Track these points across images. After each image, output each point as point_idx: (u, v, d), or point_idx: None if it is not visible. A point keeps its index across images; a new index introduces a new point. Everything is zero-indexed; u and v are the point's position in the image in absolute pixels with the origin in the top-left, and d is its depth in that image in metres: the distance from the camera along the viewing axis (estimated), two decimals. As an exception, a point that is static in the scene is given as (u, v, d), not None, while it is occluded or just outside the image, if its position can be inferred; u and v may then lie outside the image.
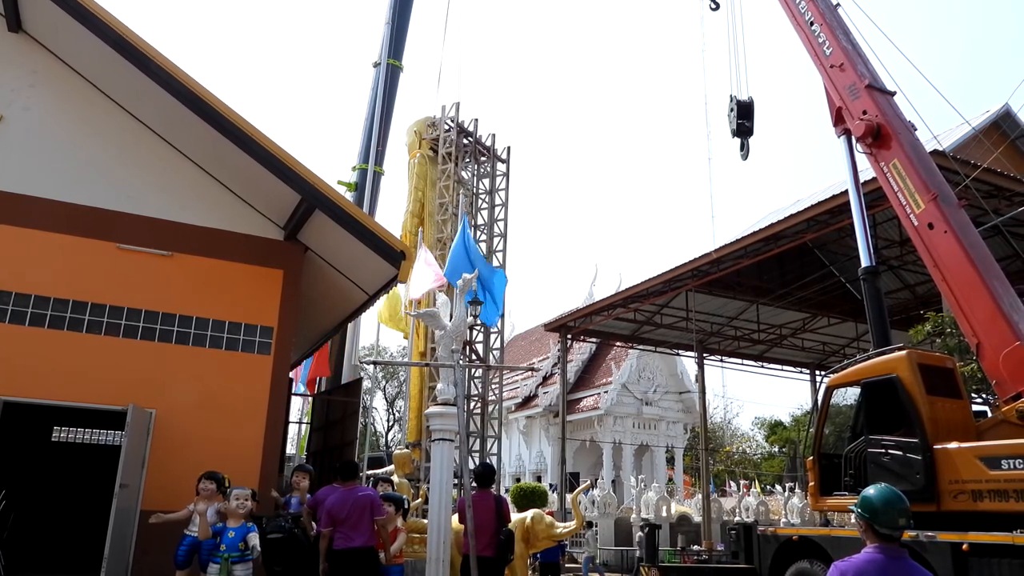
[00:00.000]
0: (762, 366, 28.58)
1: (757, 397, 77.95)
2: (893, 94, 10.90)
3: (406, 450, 12.16)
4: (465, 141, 22.61)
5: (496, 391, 23.04)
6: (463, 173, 23.10)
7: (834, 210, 15.79)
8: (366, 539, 7.30)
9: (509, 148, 23.82)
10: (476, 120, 22.87)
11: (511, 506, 11.94)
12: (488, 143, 23.17)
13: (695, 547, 19.04)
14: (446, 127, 22.18)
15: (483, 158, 23.37)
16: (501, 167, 23.49)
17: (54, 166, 10.54)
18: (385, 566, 7.77)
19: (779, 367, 28.98)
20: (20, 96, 10.67)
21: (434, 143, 22.24)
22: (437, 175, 21.98)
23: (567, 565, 19.55)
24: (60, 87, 10.92)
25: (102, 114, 11.04)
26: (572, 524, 9.15)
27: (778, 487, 31.55)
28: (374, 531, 7.47)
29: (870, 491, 3.55)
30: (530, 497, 19.11)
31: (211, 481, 8.01)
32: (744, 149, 13.97)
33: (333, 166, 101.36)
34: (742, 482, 31.76)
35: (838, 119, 11.30)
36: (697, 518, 23.15)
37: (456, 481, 9.26)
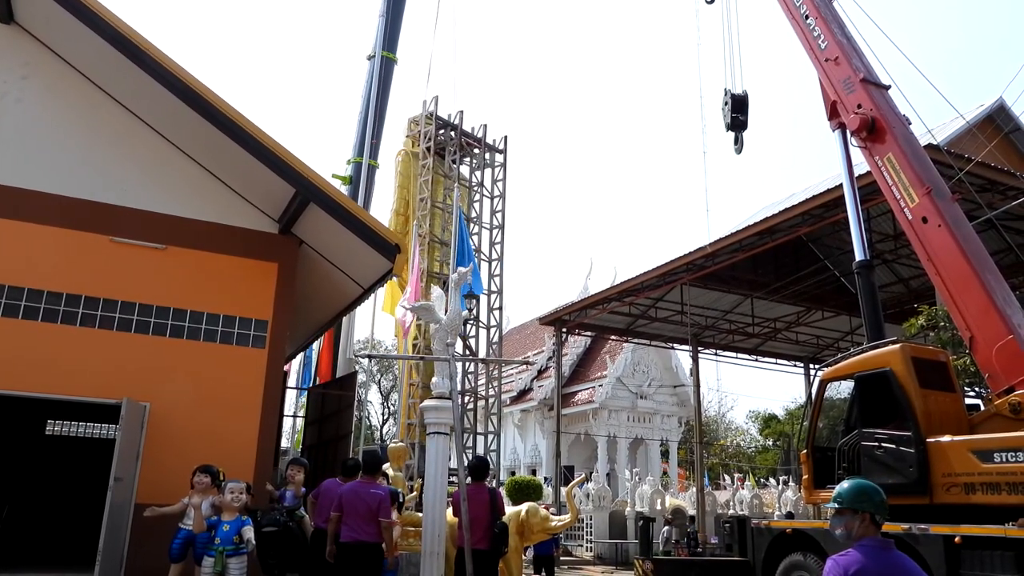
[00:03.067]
0: (756, 360, 28.67)
1: (751, 391, 78.26)
2: (888, 88, 10.90)
3: (401, 443, 12.16)
4: (452, 135, 22.57)
5: (496, 386, 23.07)
6: (461, 168, 23.06)
7: (829, 204, 15.83)
8: (373, 535, 7.32)
9: (506, 138, 23.75)
10: (461, 112, 22.78)
11: (506, 499, 11.95)
12: (480, 135, 23.12)
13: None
14: (426, 121, 22.17)
15: (476, 150, 23.32)
16: (499, 158, 23.46)
17: (47, 159, 10.50)
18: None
19: (773, 361, 29.07)
20: (12, 88, 10.61)
21: (419, 139, 22.25)
22: (418, 170, 21.97)
23: (562, 558, 19.62)
24: (53, 79, 10.86)
25: (95, 107, 10.98)
26: (567, 517, 9.16)
27: (772, 480, 31.68)
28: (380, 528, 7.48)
29: (860, 485, 3.54)
30: (525, 490, 19.09)
31: (206, 475, 8.00)
32: (738, 143, 13.98)
33: (328, 160, 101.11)
34: (736, 475, 31.87)
35: (833, 113, 11.31)
36: (691, 511, 23.22)
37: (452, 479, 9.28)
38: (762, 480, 34.67)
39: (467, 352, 21.05)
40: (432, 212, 21.68)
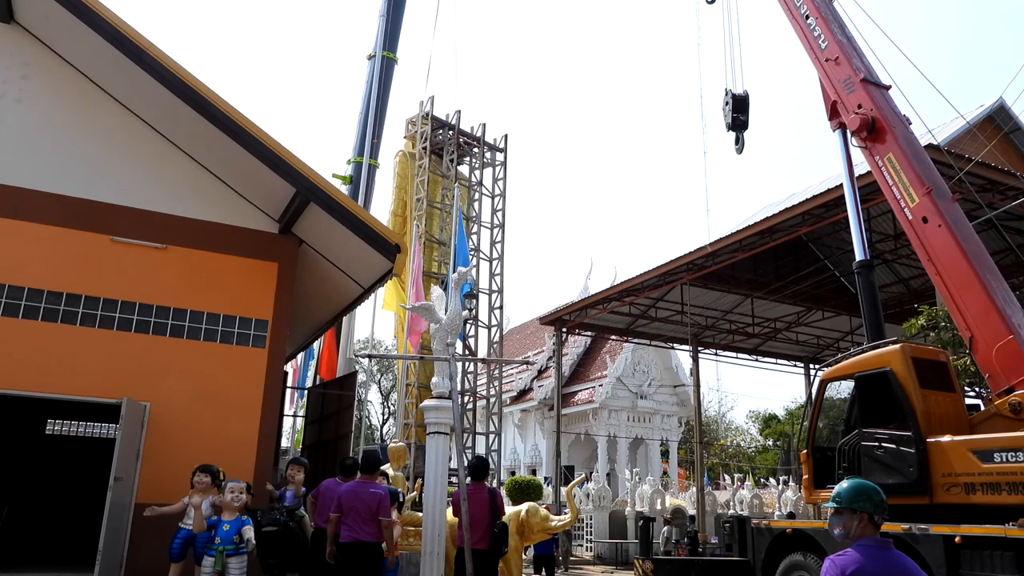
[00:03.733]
0: (757, 360, 28.65)
1: (751, 391, 78.22)
2: (888, 88, 10.90)
3: (401, 443, 12.15)
4: (450, 134, 22.57)
5: (496, 386, 23.06)
6: (461, 168, 23.07)
7: (829, 204, 15.82)
8: (373, 535, 7.31)
9: (506, 137, 23.76)
10: (459, 112, 22.76)
11: (506, 499, 11.93)
12: (479, 134, 23.11)
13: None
14: (423, 122, 22.19)
15: (475, 150, 23.33)
16: (499, 157, 23.46)
17: (47, 158, 10.49)
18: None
19: (773, 361, 29.04)
20: (12, 87, 10.60)
21: (417, 139, 22.29)
22: (415, 171, 21.98)
23: (570, 558, 19.61)
24: (53, 79, 10.85)
25: (95, 106, 10.98)
26: (567, 517, 9.15)
27: (772, 480, 31.67)
28: (380, 527, 7.47)
29: (858, 485, 3.53)
30: (525, 490, 19.08)
31: (206, 474, 8.01)
32: (739, 143, 13.99)
33: (328, 159, 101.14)
34: (736, 475, 31.86)
35: (833, 113, 11.31)
36: (691, 511, 23.22)
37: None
38: (762, 480, 34.67)
39: (467, 352, 21.05)
40: (430, 212, 21.66)
